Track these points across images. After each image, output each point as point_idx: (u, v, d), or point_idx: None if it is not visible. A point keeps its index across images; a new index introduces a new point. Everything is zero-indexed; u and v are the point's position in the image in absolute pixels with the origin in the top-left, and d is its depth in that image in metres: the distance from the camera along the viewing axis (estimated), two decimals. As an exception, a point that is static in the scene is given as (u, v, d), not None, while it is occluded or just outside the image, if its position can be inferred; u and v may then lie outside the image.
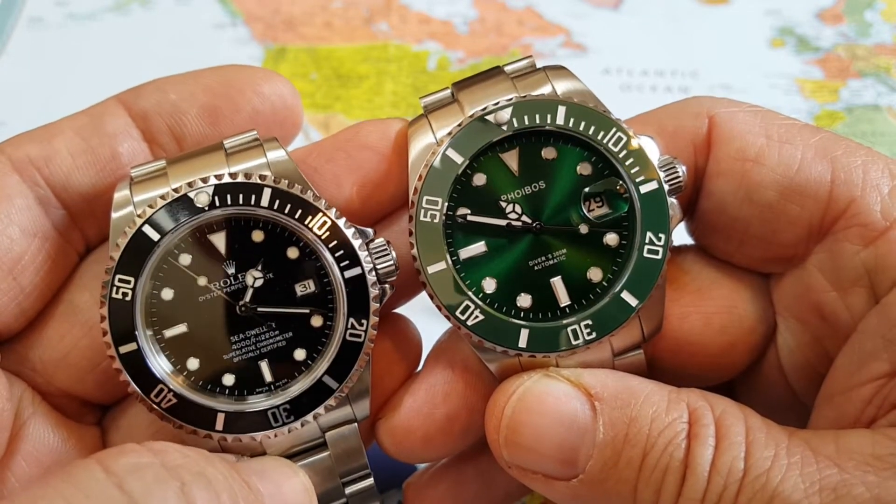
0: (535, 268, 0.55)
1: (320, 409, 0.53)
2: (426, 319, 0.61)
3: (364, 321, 0.53)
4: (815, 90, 0.98)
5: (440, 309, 0.54)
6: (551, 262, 0.55)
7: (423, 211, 0.54)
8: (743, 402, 0.51)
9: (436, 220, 0.54)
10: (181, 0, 1.13)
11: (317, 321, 0.54)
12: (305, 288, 0.54)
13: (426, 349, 0.61)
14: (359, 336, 0.53)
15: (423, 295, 0.56)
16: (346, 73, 1.05)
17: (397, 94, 1.02)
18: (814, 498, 0.45)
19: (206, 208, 0.53)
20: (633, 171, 0.54)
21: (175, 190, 0.53)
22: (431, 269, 0.54)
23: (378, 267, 0.54)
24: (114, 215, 0.54)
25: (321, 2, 1.11)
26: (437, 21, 1.08)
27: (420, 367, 0.60)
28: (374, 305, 0.53)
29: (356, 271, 0.53)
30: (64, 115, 0.59)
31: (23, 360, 0.57)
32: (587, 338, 0.54)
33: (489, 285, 0.55)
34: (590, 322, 0.54)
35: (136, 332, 0.52)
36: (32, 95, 1.04)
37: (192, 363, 0.54)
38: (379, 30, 1.08)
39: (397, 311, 0.62)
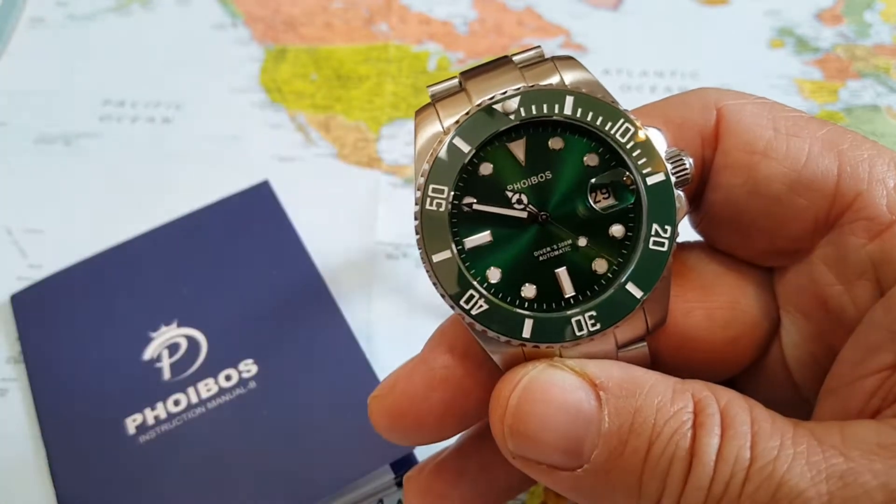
0: (541, 258, 0.54)
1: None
2: (423, 320, 0.61)
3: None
4: (815, 91, 0.98)
5: (444, 297, 0.53)
6: (556, 252, 0.54)
7: (428, 199, 0.54)
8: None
9: (441, 209, 0.54)
10: (181, 0, 1.13)
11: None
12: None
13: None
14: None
15: (422, 292, 0.56)
16: (347, 73, 1.05)
17: (397, 95, 1.02)
18: (821, 486, 0.45)
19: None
20: (640, 163, 0.54)
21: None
22: (436, 258, 0.53)
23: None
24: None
25: (321, 2, 1.11)
26: (437, 22, 1.08)
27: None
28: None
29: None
30: (64, 114, 0.58)
31: None
32: (591, 329, 0.53)
33: (494, 275, 0.54)
34: (594, 313, 0.53)
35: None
36: (32, 95, 1.04)
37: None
38: (379, 30, 1.08)
39: (392, 309, 0.62)
